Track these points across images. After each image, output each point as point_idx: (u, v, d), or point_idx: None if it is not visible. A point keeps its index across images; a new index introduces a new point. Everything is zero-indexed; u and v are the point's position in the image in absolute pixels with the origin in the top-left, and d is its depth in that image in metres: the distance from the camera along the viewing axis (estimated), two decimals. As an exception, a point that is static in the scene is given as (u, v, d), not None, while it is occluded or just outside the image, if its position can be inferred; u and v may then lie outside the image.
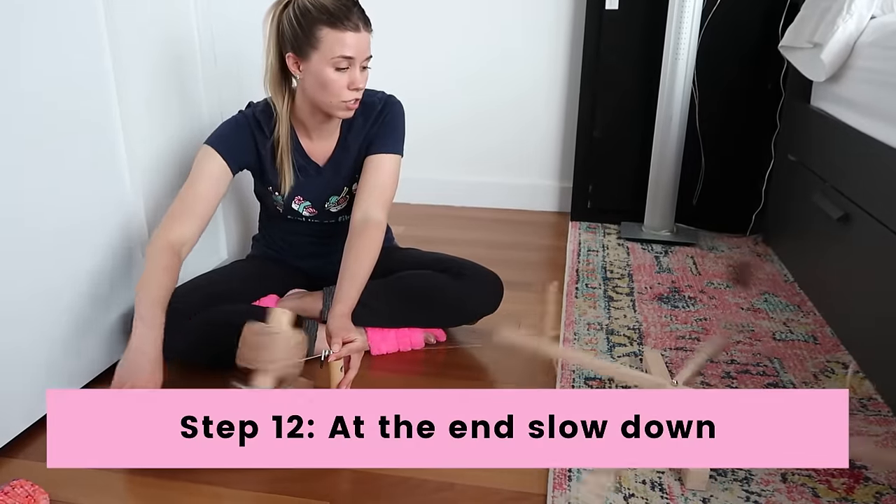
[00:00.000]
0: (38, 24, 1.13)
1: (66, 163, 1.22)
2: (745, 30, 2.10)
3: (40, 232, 1.17)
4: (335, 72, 1.24)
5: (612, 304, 1.72)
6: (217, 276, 1.49)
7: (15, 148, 1.10)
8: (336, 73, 1.25)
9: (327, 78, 1.25)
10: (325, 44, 1.22)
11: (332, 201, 1.47)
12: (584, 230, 2.31)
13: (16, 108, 1.10)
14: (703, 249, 2.10)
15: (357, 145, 1.42)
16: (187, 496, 1.04)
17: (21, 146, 1.11)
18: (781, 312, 1.67)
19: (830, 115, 1.70)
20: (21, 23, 1.10)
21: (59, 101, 1.19)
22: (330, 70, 1.24)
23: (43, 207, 1.17)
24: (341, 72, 1.25)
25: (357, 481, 1.08)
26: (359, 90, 1.28)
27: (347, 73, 1.25)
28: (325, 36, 1.22)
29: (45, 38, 1.15)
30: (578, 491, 1.03)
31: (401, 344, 1.47)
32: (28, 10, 1.11)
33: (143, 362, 1.11)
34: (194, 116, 1.58)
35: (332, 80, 1.25)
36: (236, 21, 1.71)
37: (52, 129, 1.17)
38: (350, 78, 1.25)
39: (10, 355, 1.12)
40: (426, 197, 2.65)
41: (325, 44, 1.22)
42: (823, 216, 1.62)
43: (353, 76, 1.25)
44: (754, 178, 2.21)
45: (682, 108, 2.07)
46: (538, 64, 2.42)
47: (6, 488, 0.99)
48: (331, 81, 1.25)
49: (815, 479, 1.07)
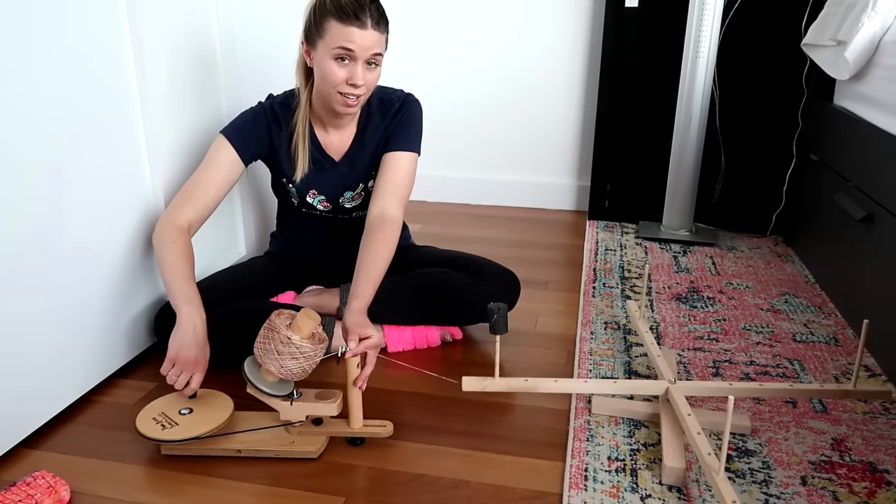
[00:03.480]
0: (59, 17, 1.14)
1: (87, 157, 1.23)
2: (766, 27, 2.08)
3: (60, 226, 1.18)
4: (336, 63, 1.26)
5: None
6: (235, 273, 1.50)
7: (36, 142, 1.12)
8: (336, 65, 1.26)
9: (327, 68, 1.27)
10: (330, 35, 1.24)
11: (346, 196, 1.48)
12: (601, 229, 2.30)
13: (37, 102, 1.11)
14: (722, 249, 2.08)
15: (374, 142, 1.42)
16: (203, 488, 1.05)
17: (42, 140, 1.13)
18: (802, 314, 1.65)
19: (854, 114, 1.68)
20: (43, 17, 1.11)
21: (80, 95, 1.20)
22: (331, 61, 1.26)
23: (65, 201, 1.18)
24: (342, 65, 1.26)
25: (371, 477, 1.08)
26: (357, 87, 1.28)
27: (348, 68, 1.26)
28: (331, 28, 1.24)
29: (66, 32, 1.16)
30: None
31: (417, 341, 1.47)
32: (50, 4, 1.12)
33: (192, 339, 1.17)
34: (214, 109, 1.59)
35: (330, 71, 1.26)
36: (257, 14, 1.72)
37: (72, 123, 1.19)
38: (350, 73, 1.26)
39: (33, 348, 1.14)
40: (443, 195, 2.65)
41: (329, 35, 1.24)
42: (846, 216, 1.60)
43: (353, 71, 1.26)
44: (775, 177, 2.18)
45: (703, 107, 2.05)
46: (557, 62, 2.41)
47: (28, 479, 1.00)
48: (329, 72, 1.27)
49: (835, 483, 1.06)
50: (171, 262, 1.25)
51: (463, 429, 1.20)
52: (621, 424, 1.21)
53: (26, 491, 0.98)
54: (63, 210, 1.18)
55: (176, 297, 1.21)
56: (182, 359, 1.15)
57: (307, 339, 1.08)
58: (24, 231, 1.10)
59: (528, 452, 1.14)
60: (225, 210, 1.68)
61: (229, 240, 1.72)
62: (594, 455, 1.12)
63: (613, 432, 1.18)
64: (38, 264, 1.14)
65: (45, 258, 1.15)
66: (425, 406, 1.27)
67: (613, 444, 1.15)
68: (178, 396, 1.18)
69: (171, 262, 1.25)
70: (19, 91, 1.07)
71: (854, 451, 1.13)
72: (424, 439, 1.17)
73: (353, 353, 1.11)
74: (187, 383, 1.15)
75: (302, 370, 1.09)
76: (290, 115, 1.39)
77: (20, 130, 1.08)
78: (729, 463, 1.10)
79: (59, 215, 1.17)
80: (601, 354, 1.46)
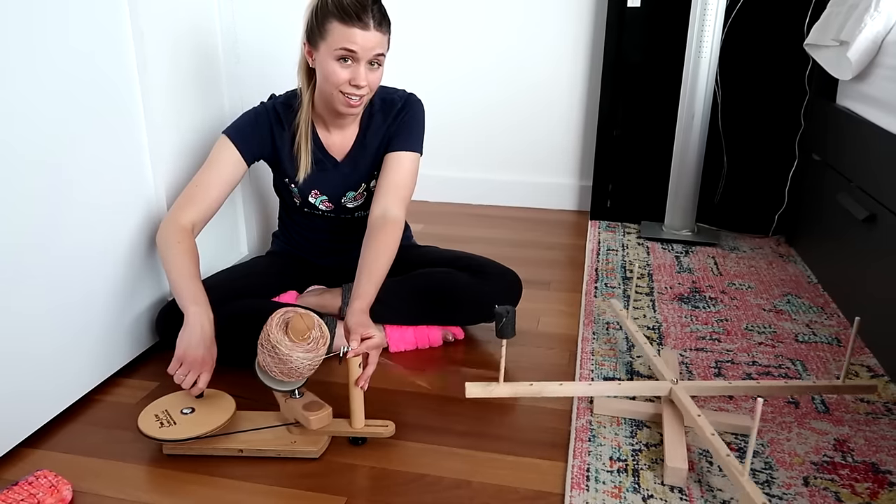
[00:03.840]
0: (61, 17, 1.15)
1: (89, 156, 1.23)
2: (769, 27, 2.08)
3: (62, 225, 1.18)
4: (338, 64, 1.26)
5: (632, 303, 1.71)
6: (237, 272, 1.50)
7: (37, 142, 1.12)
8: (338, 66, 1.26)
9: (330, 69, 1.27)
10: (332, 36, 1.24)
11: (348, 196, 1.48)
12: (603, 229, 2.30)
13: (38, 102, 1.11)
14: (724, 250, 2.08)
15: (376, 142, 1.43)
16: (205, 488, 1.05)
17: (43, 140, 1.13)
18: (804, 314, 1.65)
19: (856, 114, 1.67)
20: (45, 16, 1.11)
21: (81, 94, 1.20)
22: (333, 62, 1.26)
23: (66, 201, 1.18)
24: (344, 66, 1.26)
25: (373, 477, 1.08)
26: (360, 87, 1.28)
27: (350, 69, 1.26)
28: (333, 29, 1.24)
29: (68, 31, 1.16)
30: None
31: (419, 341, 1.47)
32: (52, 4, 1.12)
33: (200, 339, 1.17)
34: (216, 109, 1.59)
35: (333, 72, 1.27)
36: (259, 14, 1.72)
37: (73, 122, 1.19)
38: (352, 73, 1.26)
39: (35, 348, 1.14)
40: (444, 195, 2.65)
41: (331, 36, 1.24)
42: (848, 217, 1.59)
43: (355, 72, 1.26)
44: (778, 177, 2.18)
45: (705, 107, 2.05)
46: (559, 62, 2.41)
47: (30, 478, 1.00)
48: (332, 73, 1.27)
49: (837, 484, 1.05)
50: (177, 262, 1.25)
51: (465, 429, 1.20)
52: (623, 425, 1.21)
53: (28, 490, 0.98)
54: (64, 210, 1.18)
55: (183, 297, 1.21)
56: (189, 358, 1.15)
57: (290, 342, 1.07)
58: (25, 231, 1.10)
59: (529, 452, 1.14)
60: (227, 210, 1.68)
61: (231, 239, 1.72)
62: (596, 455, 1.12)
63: (615, 432, 1.18)
64: (40, 264, 1.14)
65: (47, 258, 1.15)
66: (427, 406, 1.27)
67: (615, 444, 1.15)
68: (180, 396, 1.18)
69: (176, 262, 1.25)
70: (20, 91, 1.07)
71: (856, 452, 1.13)
72: (426, 439, 1.17)
73: (354, 353, 1.11)
74: (194, 383, 1.15)
75: (280, 371, 1.08)
76: (293, 115, 1.39)
77: (21, 130, 1.08)
78: (731, 463, 1.10)
79: (61, 215, 1.17)
80: (603, 355, 1.46)
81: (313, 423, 1.11)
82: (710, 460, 1.11)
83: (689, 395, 1.16)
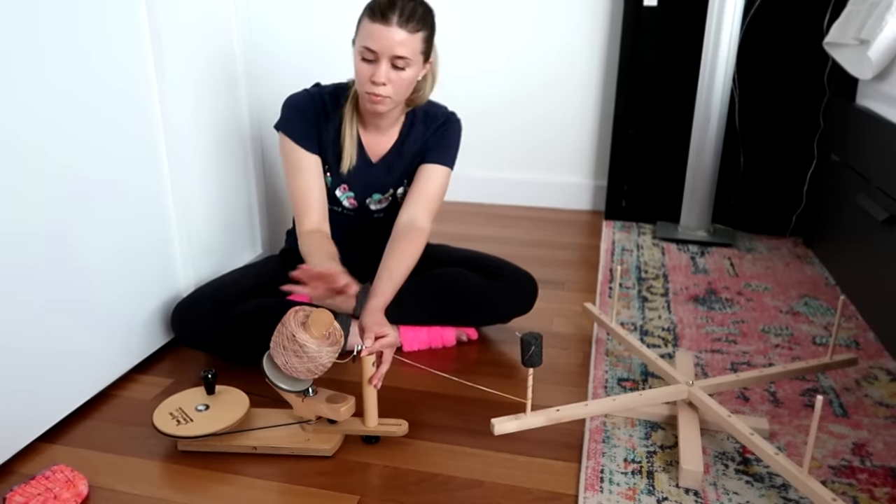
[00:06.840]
0: (80, 21, 1.16)
1: (107, 157, 1.24)
2: (788, 26, 2.05)
3: (79, 225, 1.20)
4: (361, 61, 1.27)
5: (647, 304, 1.70)
6: (250, 271, 1.51)
7: (59, 143, 1.13)
8: (362, 63, 1.27)
9: (356, 66, 1.28)
10: (361, 33, 1.26)
11: (374, 198, 1.48)
12: (618, 229, 2.29)
13: (63, 105, 1.13)
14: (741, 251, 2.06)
15: (413, 151, 1.44)
16: (219, 485, 1.06)
17: (65, 141, 1.14)
18: (822, 316, 1.63)
19: (877, 114, 1.65)
20: (63, 20, 1.12)
21: (98, 101, 1.21)
22: (358, 59, 1.27)
23: (84, 201, 1.20)
24: (367, 63, 1.26)
25: (385, 476, 1.08)
26: (376, 85, 1.27)
27: (372, 66, 1.26)
28: (363, 26, 1.25)
29: (86, 36, 1.17)
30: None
31: (433, 341, 1.47)
32: (71, 9, 1.13)
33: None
34: (233, 110, 1.60)
35: (358, 69, 1.28)
36: (275, 17, 1.73)
37: (93, 125, 1.20)
38: (373, 70, 1.26)
39: (52, 344, 1.15)
40: (459, 194, 2.64)
41: (360, 32, 1.26)
42: (868, 218, 1.57)
43: (375, 69, 1.26)
44: (796, 178, 2.16)
45: (722, 106, 2.03)
46: (574, 60, 2.40)
47: (47, 473, 1.01)
48: (357, 70, 1.28)
49: (856, 488, 1.04)
50: (313, 254, 1.30)
51: (478, 428, 1.20)
52: (637, 426, 1.20)
53: (45, 484, 0.99)
54: (82, 210, 1.19)
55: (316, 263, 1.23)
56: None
57: (315, 339, 1.07)
58: (44, 231, 1.11)
59: (543, 453, 1.13)
60: (242, 209, 1.68)
61: (246, 238, 1.73)
62: (610, 457, 1.11)
63: (630, 434, 1.18)
64: (58, 262, 1.15)
65: (64, 256, 1.16)
66: (440, 405, 1.27)
67: (630, 445, 1.14)
68: (194, 393, 1.19)
69: (313, 254, 1.30)
70: (42, 96, 1.08)
71: (875, 456, 1.11)
72: (439, 438, 1.17)
73: (368, 352, 1.11)
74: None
75: (307, 370, 1.08)
76: (339, 107, 1.40)
77: (45, 134, 1.09)
78: (747, 466, 1.09)
79: (78, 215, 1.18)
80: (617, 355, 1.45)
81: (343, 413, 1.12)
82: (725, 463, 1.10)
83: (708, 396, 1.15)
